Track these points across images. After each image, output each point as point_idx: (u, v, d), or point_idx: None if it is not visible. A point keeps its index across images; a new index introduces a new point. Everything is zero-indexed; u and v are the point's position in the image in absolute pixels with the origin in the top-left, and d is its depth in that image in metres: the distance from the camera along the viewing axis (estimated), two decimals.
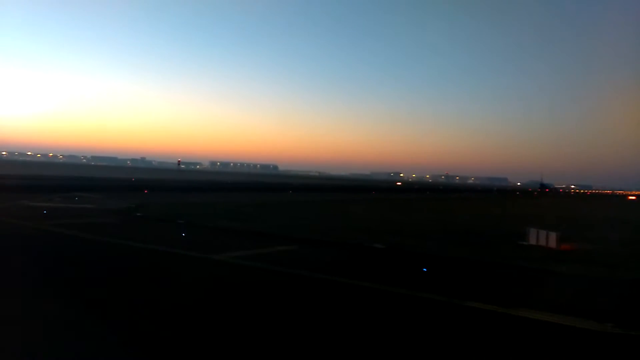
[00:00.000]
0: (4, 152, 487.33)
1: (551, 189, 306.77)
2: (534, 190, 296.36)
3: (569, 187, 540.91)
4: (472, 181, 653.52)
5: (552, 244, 27.30)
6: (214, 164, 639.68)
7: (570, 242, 28.98)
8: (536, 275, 19.93)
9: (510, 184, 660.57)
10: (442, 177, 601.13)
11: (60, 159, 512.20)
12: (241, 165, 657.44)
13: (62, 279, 15.78)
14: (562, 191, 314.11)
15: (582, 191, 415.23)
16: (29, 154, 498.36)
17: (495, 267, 21.31)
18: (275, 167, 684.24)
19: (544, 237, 28.14)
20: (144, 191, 70.29)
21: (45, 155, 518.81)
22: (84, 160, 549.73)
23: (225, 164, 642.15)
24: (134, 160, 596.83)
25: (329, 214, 49.27)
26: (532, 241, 28.55)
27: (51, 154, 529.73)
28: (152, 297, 13.93)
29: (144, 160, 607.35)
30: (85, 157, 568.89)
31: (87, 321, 11.42)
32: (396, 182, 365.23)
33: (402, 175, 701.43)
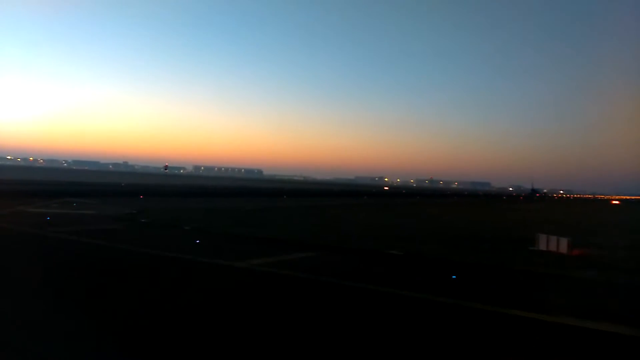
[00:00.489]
0: None
1: (541, 194, 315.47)
2: (518, 195, 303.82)
3: (556, 191, 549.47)
4: (455, 185, 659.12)
5: (563, 250, 27.69)
6: (197, 168, 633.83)
7: (580, 247, 29.40)
8: (561, 281, 20.18)
9: (493, 188, 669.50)
10: (427, 182, 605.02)
11: (40, 163, 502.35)
12: (225, 169, 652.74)
13: (106, 291, 15.52)
14: (557, 197, 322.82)
15: (567, 195, 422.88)
16: (9, 158, 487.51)
17: (518, 273, 21.46)
18: (260, 172, 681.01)
19: (554, 243, 28.53)
20: (140, 196, 69.37)
21: (25, 159, 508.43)
22: (65, 164, 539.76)
23: (209, 169, 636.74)
24: (116, 164, 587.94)
25: (333, 220, 49.38)
26: (542, 247, 28.93)
27: (31, 158, 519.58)
28: (202, 306, 13.77)
29: (126, 164, 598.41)
30: (66, 162, 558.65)
31: (154, 334, 11.31)
32: (383, 186, 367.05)
33: (386, 179, 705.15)
